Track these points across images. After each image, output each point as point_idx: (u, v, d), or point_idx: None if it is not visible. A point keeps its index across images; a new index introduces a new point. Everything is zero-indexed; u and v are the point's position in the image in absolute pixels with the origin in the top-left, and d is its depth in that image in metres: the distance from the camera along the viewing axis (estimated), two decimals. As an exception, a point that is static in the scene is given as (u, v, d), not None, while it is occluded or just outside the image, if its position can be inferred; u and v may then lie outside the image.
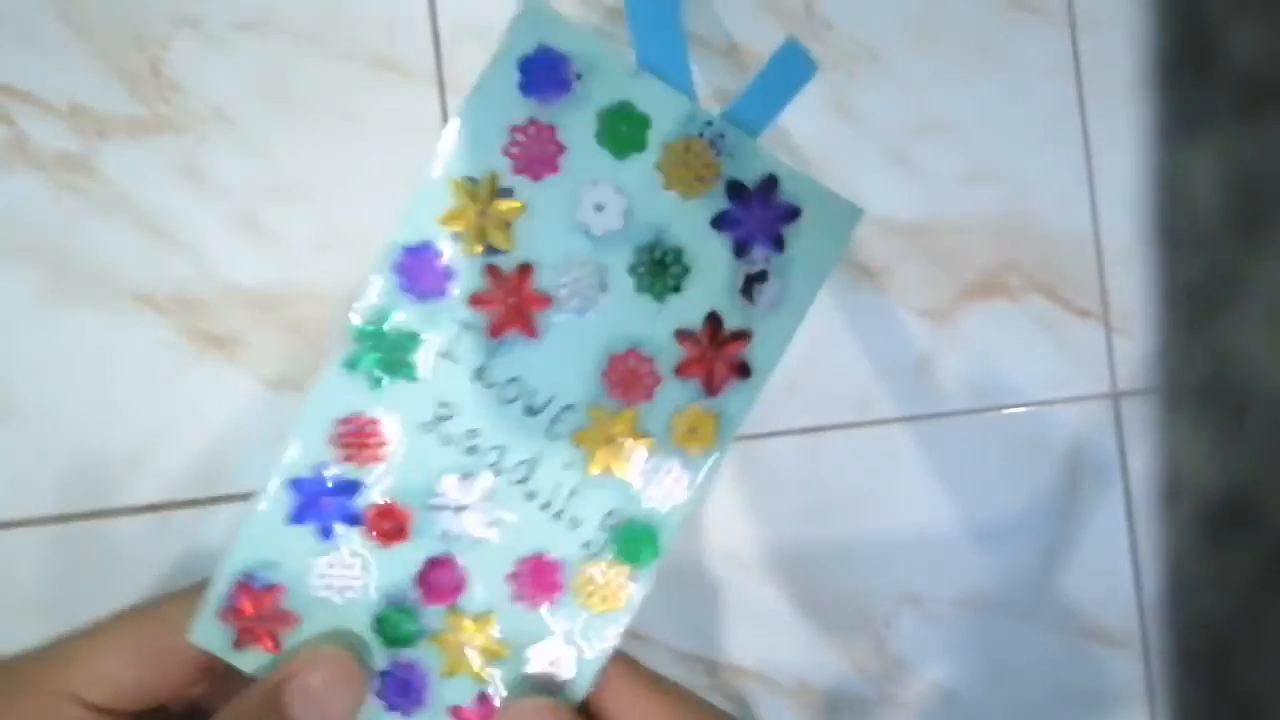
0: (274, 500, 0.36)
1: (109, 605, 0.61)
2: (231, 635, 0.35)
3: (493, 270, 0.35)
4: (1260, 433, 0.17)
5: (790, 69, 0.42)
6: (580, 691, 0.36)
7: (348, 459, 0.35)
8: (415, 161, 0.64)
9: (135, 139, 0.59)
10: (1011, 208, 0.74)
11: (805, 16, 0.70)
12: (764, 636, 0.69)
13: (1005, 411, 0.74)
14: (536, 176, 0.36)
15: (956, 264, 0.74)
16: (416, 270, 0.37)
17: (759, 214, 0.36)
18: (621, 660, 0.35)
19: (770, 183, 0.37)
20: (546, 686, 0.35)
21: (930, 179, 0.73)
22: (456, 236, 0.36)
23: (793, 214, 0.37)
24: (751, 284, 0.37)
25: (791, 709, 0.70)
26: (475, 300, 0.36)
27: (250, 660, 0.35)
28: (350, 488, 0.35)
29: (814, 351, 0.68)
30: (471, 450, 0.35)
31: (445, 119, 0.64)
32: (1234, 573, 0.17)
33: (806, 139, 0.70)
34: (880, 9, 0.72)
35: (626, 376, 0.35)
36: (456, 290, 0.36)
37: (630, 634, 0.41)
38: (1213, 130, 0.18)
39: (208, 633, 0.35)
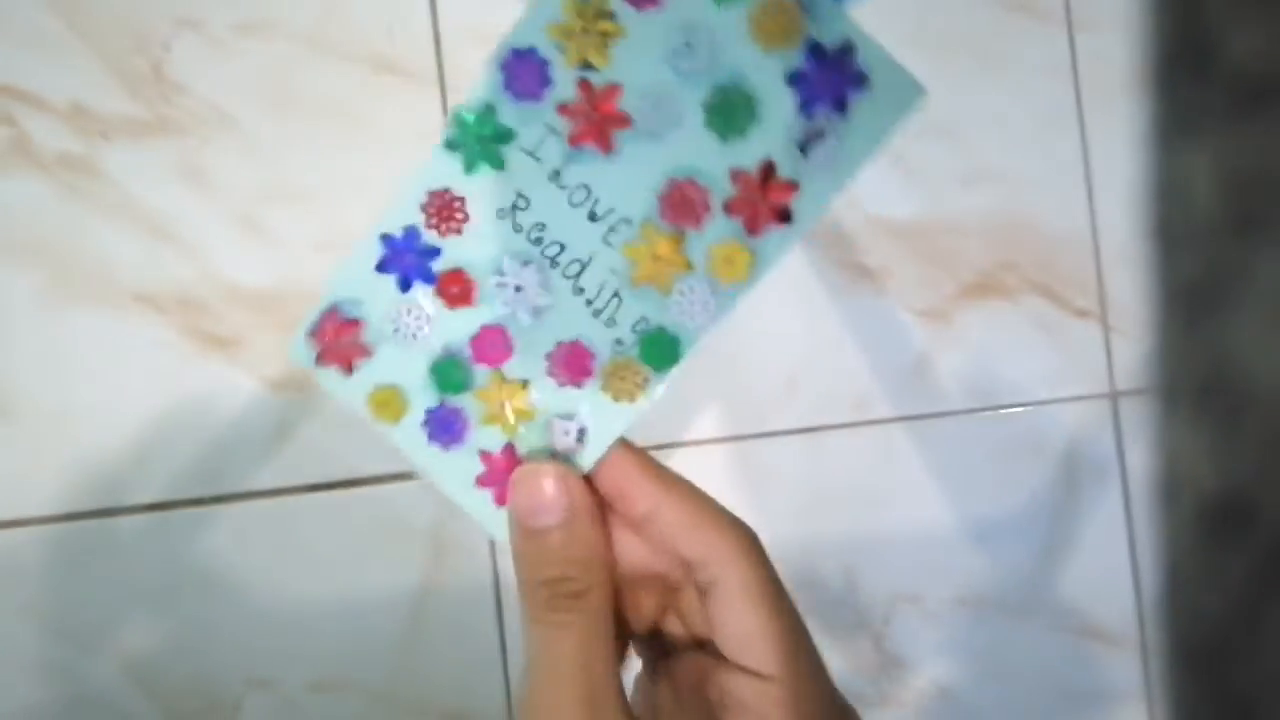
0: (367, 249, 0.40)
1: (111, 604, 0.61)
2: (316, 352, 0.40)
3: (584, 84, 0.39)
4: (1258, 432, 0.17)
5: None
6: (588, 463, 0.40)
7: (432, 226, 0.40)
8: (418, 162, 0.65)
9: (137, 140, 0.59)
10: (1009, 208, 0.74)
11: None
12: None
13: (1003, 411, 0.74)
14: (640, 7, 0.39)
15: (954, 264, 0.74)
16: (520, 72, 0.40)
17: (830, 77, 0.40)
18: (628, 446, 0.38)
19: (847, 49, 0.41)
20: (560, 453, 0.40)
21: (928, 180, 0.73)
22: (560, 47, 0.39)
23: (860, 82, 0.41)
24: (809, 140, 0.39)
25: (791, 708, 0.70)
26: (564, 109, 0.39)
27: (327, 376, 0.40)
28: (431, 253, 0.40)
29: (813, 352, 0.68)
30: (536, 241, 0.40)
31: (446, 120, 0.64)
32: (1232, 571, 0.17)
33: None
34: (875, 9, 0.72)
35: (681, 202, 0.39)
36: (550, 96, 0.39)
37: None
38: (1210, 130, 0.18)
39: (299, 349, 0.40)
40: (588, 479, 0.40)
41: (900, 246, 0.73)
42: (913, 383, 0.73)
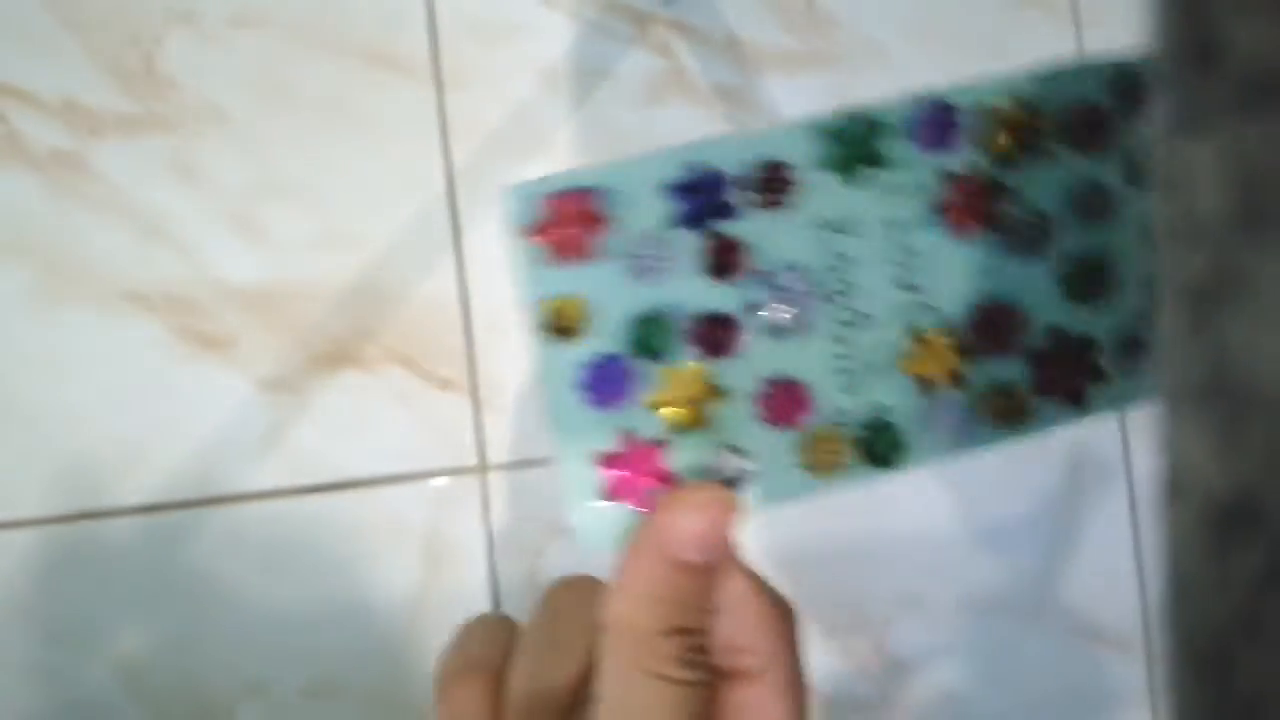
0: (664, 162, 0.35)
1: (102, 606, 0.61)
2: (535, 220, 0.33)
3: (966, 177, 0.37)
4: (1263, 433, 0.17)
5: None
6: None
7: (751, 188, 0.35)
8: (412, 159, 0.64)
9: (128, 136, 0.59)
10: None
11: (806, 13, 0.69)
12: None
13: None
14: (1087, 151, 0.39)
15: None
16: (935, 123, 0.38)
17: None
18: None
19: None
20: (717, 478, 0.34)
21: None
22: (986, 116, 0.37)
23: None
24: (1133, 352, 0.39)
25: (791, 711, 0.70)
26: (951, 179, 0.37)
27: (529, 252, 0.33)
28: (730, 210, 0.35)
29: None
30: (832, 268, 0.36)
31: (443, 116, 0.64)
32: (1237, 574, 0.17)
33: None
34: (880, 3, 0.71)
35: (997, 322, 0.37)
36: (944, 158, 0.37)
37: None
38: (1216, 126, 0.18)
39: (521, 196, 0.34)
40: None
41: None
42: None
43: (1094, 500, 0.75)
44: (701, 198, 0.36)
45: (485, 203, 0.65)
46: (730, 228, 0.36)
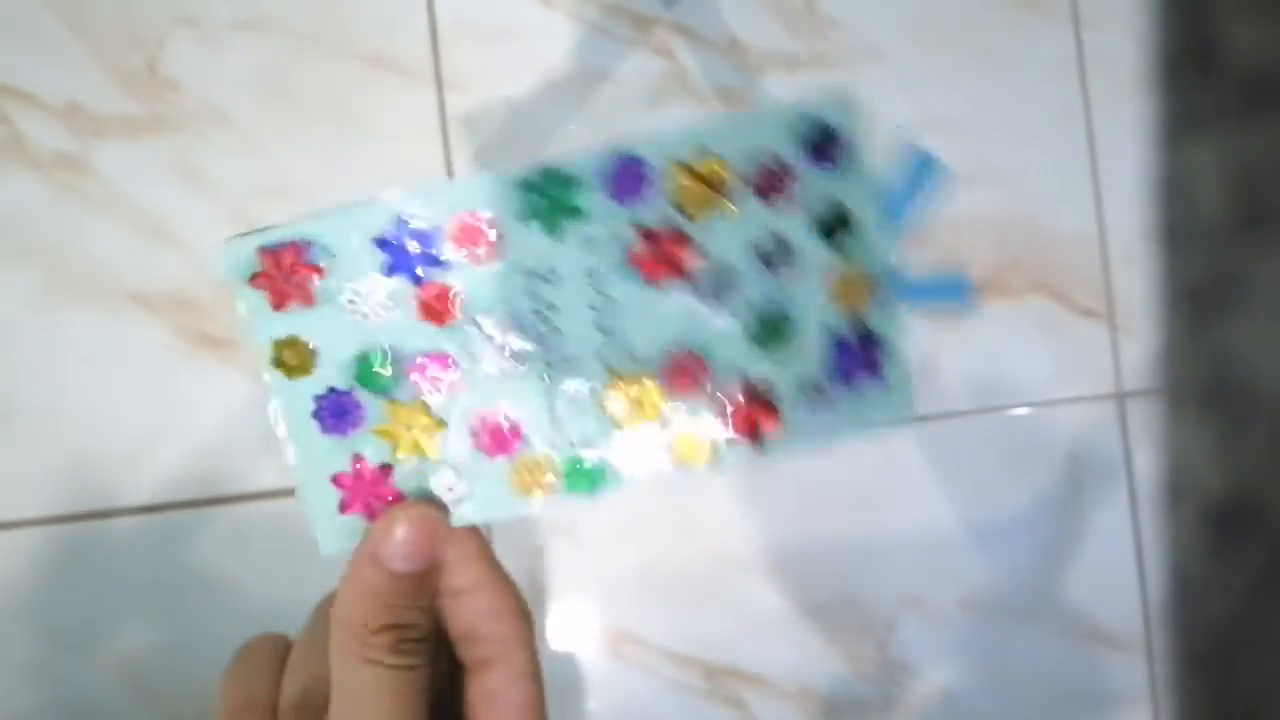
0: (377, 215, 0.38)
1: (104, 607, 0.61)
2: (256, 270, 0.37)
3: (671, 225, 0.38)
4: (1264, 434, 0.17)
5: (915, 183, 0.46)
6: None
7: (453, 238, 0.38)
8: (413, 161, 0.64)
9: (132, 138, 0.59)
10: (1014, 207, 0.74)
11: (807, 14, 0.69)
12: (764, 639, 0.69)
13: (1008, 412, 0.74)
14: (765, 196, 0.41)
15: (959, 263, 0.73)
16: (625, 177, 0.39)
17: (856, 354, 0.41)
18: (474, 532, 0.38)
19: (880, 340, 0.41)
20: (432, 500, 0.38)
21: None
22: (670, 177, 0.39)
23: (874, 372, 0.41)
24: (813, 394, 0.40)
25: (792, 712, 0.70)
26: (640, 229, 0.38)
27: (249, 298, 0.36)
28: (433, 260, 0.38)
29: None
30: (537, 314, 0.38)
31: (443, 118, 0.64)
32: (1238, 574, 0.17)
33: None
34: (881, 6, 0.71)
35: (685, 372, 0.39)
36: (636, 212, 0.38)
37: (627, 637, 0.41)
38: (1216, 128, 0.18)
39: (238, 254, 0.36)
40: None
41: (903, 245, 0.72)
42: (917, 382, 0.72)
43: (1095, 501, 0.75)
44: (407, 253, 0.39)
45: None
46: (440, 275, 0.39)
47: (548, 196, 0.39)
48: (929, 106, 0.73)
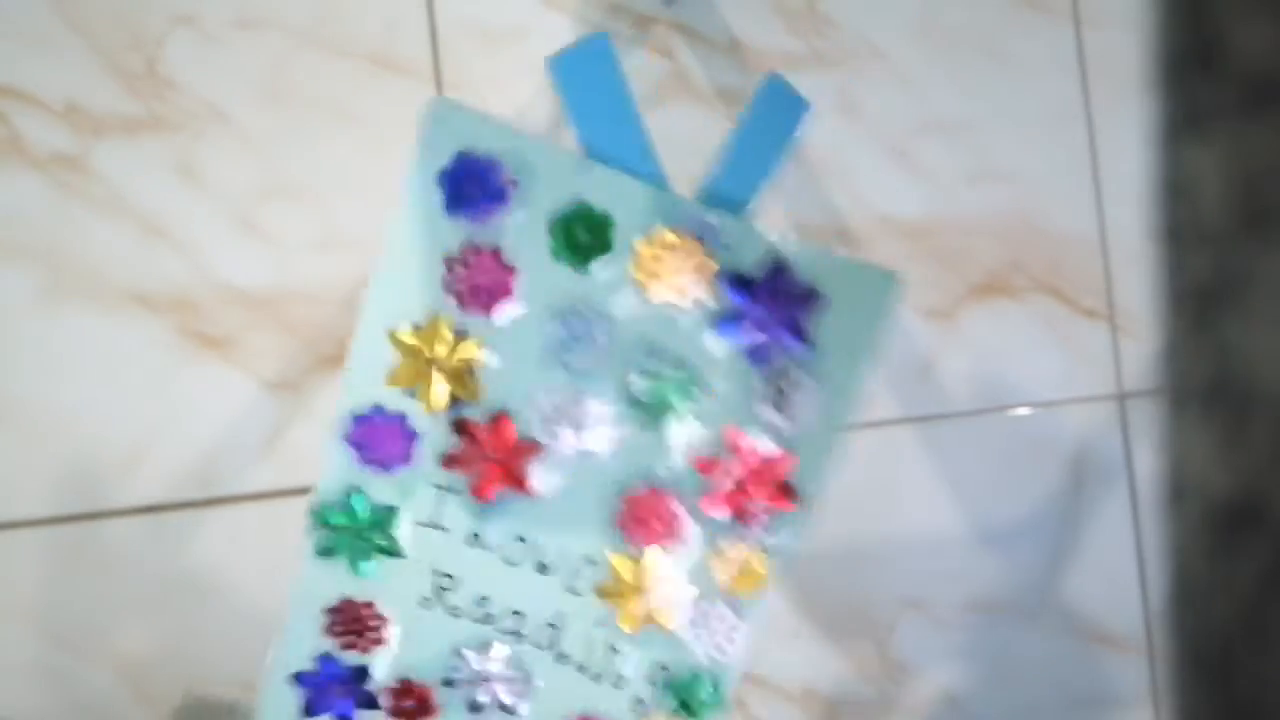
0: (279, 697, 0.34)
1: (103, 607, 0.61)
2: None
3: (463, 425, 0.32)
4: (1265, 434, 0.17)
5: (776, 114, 0.37)
6: None
7: (349, 646, 0.34)
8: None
9: (131, 138, 0.59)
10: (1016, 207, 0.74)
11: (807, 14, 0.69)
12: (765, 641, 0.69)
13: (1009, 412, 0.74)
14: (489, 309, 0.32)
15: (961, 264, 0.73)
16: (372, 438, 0.33)
17: (771, 308, 0.32)
18: None
19: (778, 268, 0.32)
20: None
21: (934, 178, 0.73)
22: (410, 393, 0.32)
23: (810, 299, 0.32)
24: (781, 393, 0.33)
25: (794, 714, 0.70)
26: (450, 460, 0.32)
27: None
28: (360, 673, 0.33)
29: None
30: (485, 619, 0.33)
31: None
32: (1239, 575, 0.17)
33: (807, 140, 0.69)
34: (881, 5, 0.71)
35: (644, 518, 0.33)
36: (424, 454, 0.32)
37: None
38: (1218, 128, 0.18)
39: None
40: None
41: (905, 246, 0.72)
42: (918, 383, 0.72)
43: (1096, 502, 0.75)
44: (334, 694, 0.35)
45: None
46: (376, 684, 0.35)
47: (353, 532, 0.34)
48: (929, 106, 0.73)
